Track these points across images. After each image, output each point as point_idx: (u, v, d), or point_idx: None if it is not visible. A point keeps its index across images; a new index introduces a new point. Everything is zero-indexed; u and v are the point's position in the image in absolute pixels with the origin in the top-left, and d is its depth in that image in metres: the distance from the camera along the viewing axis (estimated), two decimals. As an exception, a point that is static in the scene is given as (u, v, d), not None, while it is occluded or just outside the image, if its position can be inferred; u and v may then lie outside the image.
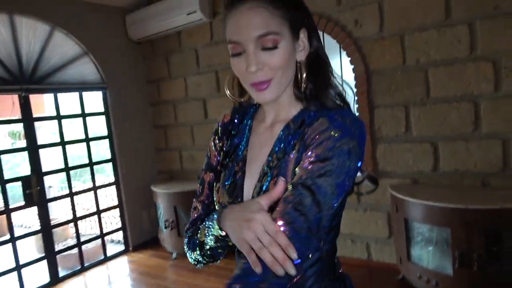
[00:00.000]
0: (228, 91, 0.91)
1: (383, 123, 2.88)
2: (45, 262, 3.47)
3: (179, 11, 3.58)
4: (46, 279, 3.47)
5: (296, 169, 0.73)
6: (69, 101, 4.36)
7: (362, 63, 2.89)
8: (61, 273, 3.61)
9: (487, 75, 2.45)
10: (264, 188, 0.78)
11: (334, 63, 3.22)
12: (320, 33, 3.05)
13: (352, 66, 2.94)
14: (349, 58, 2.95)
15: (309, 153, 0.72)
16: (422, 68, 2.68)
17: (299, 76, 0.81)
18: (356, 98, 2.94)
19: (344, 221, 3.60)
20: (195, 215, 0.93)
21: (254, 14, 0.72)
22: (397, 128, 2.83)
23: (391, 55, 2.78)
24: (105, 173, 7.00)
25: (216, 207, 0.88)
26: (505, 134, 2.45)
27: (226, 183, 0.85)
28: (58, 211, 5.56)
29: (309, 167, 0.70)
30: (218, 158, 0.92)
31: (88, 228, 5.27)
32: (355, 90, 2.95)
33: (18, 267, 3.24)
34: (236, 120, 0.92)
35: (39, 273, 3.58)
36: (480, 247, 2.19)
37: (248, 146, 0.87)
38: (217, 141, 0.93)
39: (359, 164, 0.74)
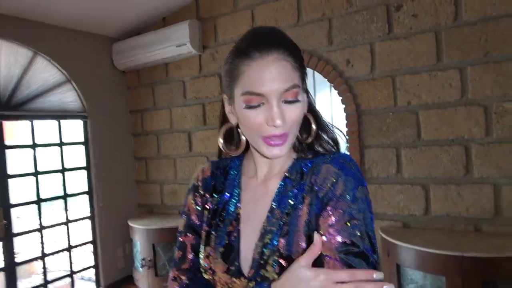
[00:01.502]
0: (222, 141, 0.84)
1: (374, 163, 2.83)
2: (5, 303, 3.16)
3: (168, 43, 3.53)
4: (5, 323, 3.14)
5: (324, 229, 0.68)
6: (45, 128, 4.16)
7: (353, 103, 2.87)
8: (23, 316, 3.29)
9: (478, 120, 2.46)
10: (269, 247, 0.71)
11: (324, 97, 3.19)
12: (311, 71, 3.05)
13: (343, 106, 2.92)
14: (340, 98, 2.93)
15: (333, 210, 0.68)
16: (413, 111, 2.67)
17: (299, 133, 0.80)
18: (347, 137, 2.89)
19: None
20: (176, 287, 0.80)
21: (280, 67, 0.70)
22: (388, 169, 2.78)
23: (382, 96, 2.78)
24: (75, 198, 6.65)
25: (205, 276, 0.77)
26: (496, 180, 2.43)
27: (219, 246, 0.76)
28: (24, 245, 5.17)
29: (344, 228, 0.67)
30: (199, 216, 0.83)
31: (57, 264, 4.91)
32: (345, 129, 2.91)
33: (-25, 310, 2.93)
34: (219, 174, 0.85)
35: (-2, 316, 3.25)
36: (478, 298, 2.09)
37: (240, 203, 0.80)
38: (199, 199, 0.84)
39: None
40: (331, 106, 3.13)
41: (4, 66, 3.14)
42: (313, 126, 0.79)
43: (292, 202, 0.73)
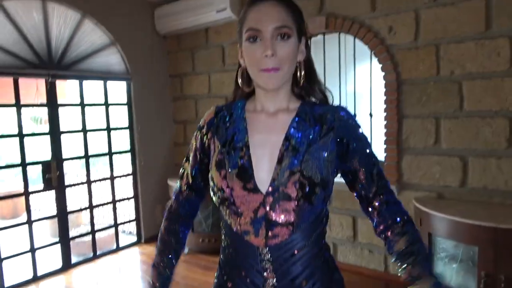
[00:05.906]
0: (240, 79, 0.97)
1: (412, 133, 2.81)
2: (58, 246, 3.49)
3: (208, 8, 3.57)
4: (58, 264, 3.48)
5: (356, 161, 0.92)
6: (91, 89, 4.38)
7: (394, 72, 2.83)
8: (74, 259, 3.62)
9: (525, 91, 2.38)
10: (287, 169, 0.86)
11: (364, 68, 3.16)
12: (352, 37, 3.01)
13: (383, 74, 2.88)
14: (380, 65, 2.89)
15: (356, 147, 0.92)
16: (456, 80, 2.61)
17: (297, 74, 0.95)
18: (385, 106, 2.88)
19: (363, 230, 3.48)
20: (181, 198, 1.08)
21: (274, 9, 0.87)
22: (426, 140, 2.76)
23: (424, 65, 2.72)
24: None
25: (223, 194, 0.89)
26: (540, 154, 2.37)
27: (233, 168, 0.89)
28: (72, 198, 5.58)
29: (370, 161, 0.94)
30: (200, 151, 0.99)
31: (101, 217, 5.29)
32: (384, 98, 2.89)
33: (33, 250, 3.26)
34: (225, 114, 0.98)
35: (52, 257, 3.60)
36: (509, 268, 2.11)
37: (248, 133, 0.93)
38: (200, 136, 1.00)
39: None
40: (370, 77, 3.08)
41: (55, 27, 3.31)
42: (303, 72, 0.94)
43: (309, 138, 0.90)
